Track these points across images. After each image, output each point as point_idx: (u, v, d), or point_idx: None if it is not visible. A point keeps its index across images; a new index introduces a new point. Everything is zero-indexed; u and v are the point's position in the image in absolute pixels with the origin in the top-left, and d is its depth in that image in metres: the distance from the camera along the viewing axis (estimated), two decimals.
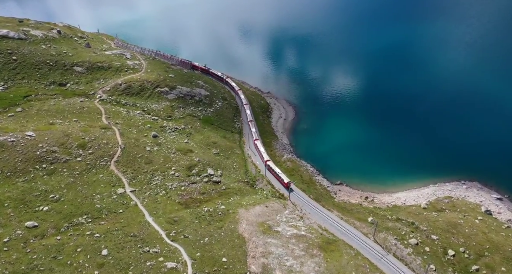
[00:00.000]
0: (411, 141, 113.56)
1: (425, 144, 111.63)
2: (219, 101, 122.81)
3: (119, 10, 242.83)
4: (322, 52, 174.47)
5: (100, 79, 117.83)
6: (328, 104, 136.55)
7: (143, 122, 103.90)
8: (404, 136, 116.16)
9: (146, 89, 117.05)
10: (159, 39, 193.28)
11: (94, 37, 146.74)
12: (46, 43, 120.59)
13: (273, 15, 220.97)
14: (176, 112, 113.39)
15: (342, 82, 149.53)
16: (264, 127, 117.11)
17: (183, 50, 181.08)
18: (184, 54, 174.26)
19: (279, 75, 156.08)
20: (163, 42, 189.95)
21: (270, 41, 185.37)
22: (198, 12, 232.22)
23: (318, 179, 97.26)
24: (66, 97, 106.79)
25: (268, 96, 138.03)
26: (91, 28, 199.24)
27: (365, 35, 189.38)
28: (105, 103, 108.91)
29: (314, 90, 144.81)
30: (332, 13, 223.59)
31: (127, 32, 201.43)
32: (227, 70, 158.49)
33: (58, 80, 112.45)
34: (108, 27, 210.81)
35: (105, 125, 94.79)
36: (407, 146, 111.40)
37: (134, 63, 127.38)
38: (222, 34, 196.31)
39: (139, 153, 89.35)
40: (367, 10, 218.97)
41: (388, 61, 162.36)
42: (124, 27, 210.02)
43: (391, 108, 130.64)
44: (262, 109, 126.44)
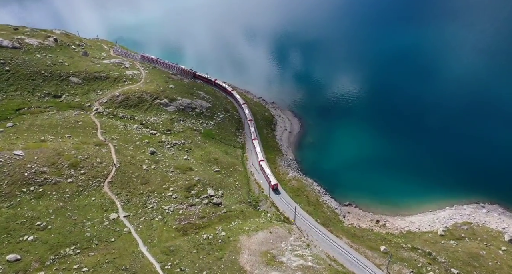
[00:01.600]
0: (424, 156, 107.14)
1: (440, 159, 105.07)
2: (221, 113, 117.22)
3: (123, 14, 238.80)
4: (328, 59, 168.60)
5: (97, 91, 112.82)
6: (335, 116, 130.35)
7: (141, 137, 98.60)
8: (416, 150, 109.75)
9: (145, 101, 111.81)
10: (161, 45, 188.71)
11: (92, 45, 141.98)
12: (41, 52, 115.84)
13: (278, 19, 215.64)
14: (175, 126, 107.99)
15: (349, 92, 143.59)
16: (268, 141, 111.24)
17: (186, 56, 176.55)
18: (187, 61, 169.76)
19: (284, 84, 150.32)
20: (165, 47, 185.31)
21: (275, 48, 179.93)
22: (202, 16, 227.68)
23: (326, 200, 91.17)
24: (60, 110, 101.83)
25: (273, 107, 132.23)
26: (92, 33, 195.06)
27: (373, 41, 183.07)
28: (101, 117, 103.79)
29: (320, 100, 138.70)
30: (339, 17, 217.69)
31: (129, 36, 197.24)
32: (230, 78, 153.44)
33: (53, 92, 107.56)
34: (111, 31, 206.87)
35: (100, 142, 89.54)
36: (420, 162, 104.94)
37: (133, 73, 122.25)
38: (225, 40, 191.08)
39: (135, 172, 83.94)
40: (375, 15, 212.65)
41: (399, 68, 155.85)
42: (127, 32, 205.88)
43: (402, 120, 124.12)
44: (266, 121, 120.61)
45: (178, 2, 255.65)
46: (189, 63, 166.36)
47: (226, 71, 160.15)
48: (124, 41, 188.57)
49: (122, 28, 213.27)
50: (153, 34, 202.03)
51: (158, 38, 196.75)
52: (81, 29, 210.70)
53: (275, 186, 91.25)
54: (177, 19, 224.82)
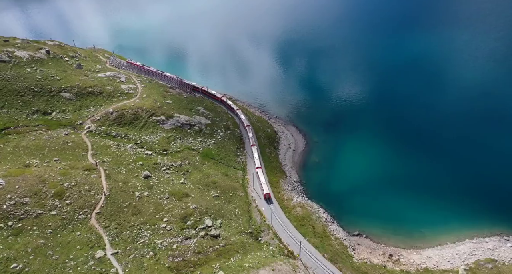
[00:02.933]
0: (440, 177, 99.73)
1: (458, 181, 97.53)
2: (221, 130, 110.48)
3: (124, 20, 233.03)
4: (335, 69, 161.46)
5: (89, 107, 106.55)
6: (341, 131, 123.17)
7: (135, 159, 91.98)
8: (432, 170, 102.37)
9: (140, 118, 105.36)
10: (161, 53, 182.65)
11: (88, 56, 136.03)
12: (31, 65, 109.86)
13: (282, 27, 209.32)
14: (172, 145, 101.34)
15: (357, 104, 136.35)
16: (271, 162, 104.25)
17: (186, 65, 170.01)
18: (187, 69, 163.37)
19: (288, 96, 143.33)
20: (165, 56, 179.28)
21: (279, 58, 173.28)
22: (204, 24, 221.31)
23: (333, 230, 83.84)
24: (49, 129, 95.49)
25: (276, 123, 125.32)
26: (92, 39, 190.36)
27: (383, 49, 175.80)
28: (93, 136, 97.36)
29: (326, 114, 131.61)
30: (346, 25, 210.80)
31: (129, 44, 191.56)
32: (232, 89, 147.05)
33: (43, 109, 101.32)
34: (112, 37, 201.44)
35: (90, 166, 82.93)
36: (436, 184, 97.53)
37: (129, 87, 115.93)
38: (228, 49, 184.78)
39: (127, 200, 77.16)
40: (385, 23, 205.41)
41: (410, 79, 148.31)
42: (127, 38, 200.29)
43: (416, 135, 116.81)
44: (269, 139, 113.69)
45: (180, 9, 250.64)
46: (190, 72, 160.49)
47: (228, 82, 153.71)
48: (123, 49, 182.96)
49: (122, 35, 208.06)
50: (153, 42, 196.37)
51: (158, 46, 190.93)
52: (81, 34, 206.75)
53: (267, 196, 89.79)
54: (178, 27, 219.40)
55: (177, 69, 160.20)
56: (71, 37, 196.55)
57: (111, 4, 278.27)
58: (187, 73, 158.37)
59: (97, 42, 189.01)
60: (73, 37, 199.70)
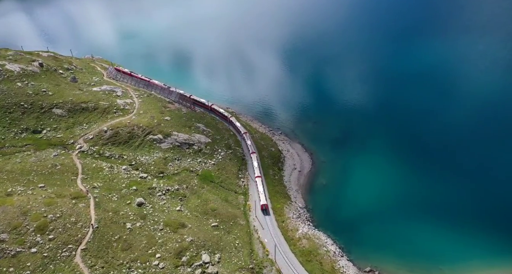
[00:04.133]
0: (463, 202, 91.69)
1: (483, 209, 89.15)
2: (222, 150, 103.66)
3: (129, 25, 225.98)
4: (343, 80, 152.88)
5: (82, 124, 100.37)
6: (351, 149, 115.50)
7: (128, 183, 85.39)
8: (453, 194, 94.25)
9: (136, 136, 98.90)
10: (164, 61, 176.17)
11: (84, 67, 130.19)
12: (23, 79, 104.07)
13: (289, 35, 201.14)
14: (169, 167, 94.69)
15: (368, 120, 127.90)
16: (275, 185, 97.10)
17: (188, 75, 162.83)
18: (189, 80, 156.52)
19: (293, 110, 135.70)
20: (168, 64, 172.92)
21: (284, 68, 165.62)
22: (211, 31, 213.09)
23: (343, 265, 76.44)
24: (38, 150, 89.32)
25: (280, 140, 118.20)
26: (91, 46, 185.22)
27: (395, 58, 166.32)
28: (85, 156, 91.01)
29: (334, 130, 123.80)
30: (355, 32, 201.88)
31: (133, 50, 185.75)
32: (236, 103, 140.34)
33: (32, 127, 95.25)
34: (113, 44, 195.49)
35: (78, 193, 76.41)
36: (458, 211, 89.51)
37: (125, 103, 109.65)
38: (233, 59, 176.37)
39: (116, 233, 70.47)
40: (396, 30, 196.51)
41: (424, 91, 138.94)
42: (131, 45, 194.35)
43: (433, 154, 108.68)
44: (273, 159, 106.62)
45: (185, 15, 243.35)
46: (191, 82, 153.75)
47: (232, 94, 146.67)
48: (123, 57, 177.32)
49: (124, 42, 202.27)
50: (155, 49, 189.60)
51: (160, 54, 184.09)
52: (82, 40, 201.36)
53: (264, 207, 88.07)
54: (182, 33, 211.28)
55: (178, 79, 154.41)
56: (71, 44, 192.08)
57: (116, 8, 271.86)
58: (189, 83, 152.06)
59: (98, 49, 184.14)
60: (74, 43, 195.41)
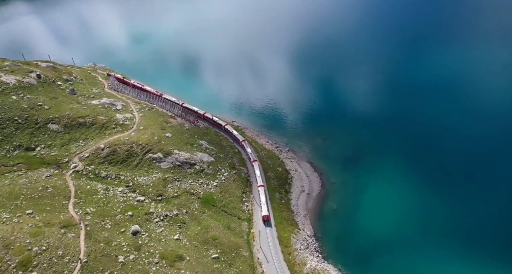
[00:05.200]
0: (492, 230, 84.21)
1: None
2: (225, 170, 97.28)
3: (139, 29, 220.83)
4: (355, 92, 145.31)
5: (79, 141, 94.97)
6: (363, 169, 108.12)
7: (124, 208, 79.44)
8: (481, 221, 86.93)
9: (135, 155, 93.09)
10: (169, 68, 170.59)
11: (85, 77, 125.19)
12: (18, 92, 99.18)
13: (298, 43, 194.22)
14: (169, 189, 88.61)
15: (381, 137, 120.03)
16: (282, 211, 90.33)
17: (194, 84, 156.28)
18: (194, 90, 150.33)
19: (301, 125, 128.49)
20: (173, 71, 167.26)
21: (293, 79, 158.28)
22: (219, 37, 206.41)
23: None
24: (30, 169, 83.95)
25: (288, 158, 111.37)
26: (97, 51, 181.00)
27: (411, 66, 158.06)
28: (80, 177, 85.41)
29: (345, 148, 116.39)
30: (368, 39, 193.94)
31: (138, 56, 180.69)
32: (242, 116, 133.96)
33: (26, 144, 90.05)
34: (120, 50, 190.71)
35: (68, 221, 70.62)
36: (486, 239, 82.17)
37: (125, 117, 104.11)
38: (240, 69, 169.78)
39: (107, 268, 64.40)
40: (412, 35, 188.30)
41: (443, 102, 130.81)
42: (137, 49, 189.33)
43: (457, 174, 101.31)
44: (280, 181, 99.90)
45: (195, 20, 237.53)
46: (197, 93, 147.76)
47: (238, 107, 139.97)
48: (127, 62, 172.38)
49: (131, 47, 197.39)
50: (162, 56, 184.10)
51: (166, 61, 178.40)
52: (89, 45, 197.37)
53: (265, 218, 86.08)
54: (191, 39, 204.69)
55: (182, 88, 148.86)
56: (76, 48, 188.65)
57: (125, 11, 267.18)
58: (193, 93, 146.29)
59: (103, 54, 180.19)
60: (78, 47, 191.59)
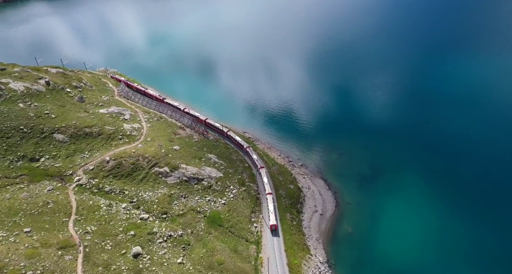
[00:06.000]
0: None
1: None
2: (234, 187, 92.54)
3: (158, 32, 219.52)
4: (372, 103, 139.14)
5: (84, 152, 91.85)
6: (380, 189, 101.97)
7: (126, 227, 75.52)
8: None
9: (141, 169, 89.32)
10: (183, 73, 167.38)
11: (95, 84, 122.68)
12: (26, 100, 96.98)
13: (312, 50, 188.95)
14: (174, 206, 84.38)
15: (401, 152, 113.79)
16: (293, 234, 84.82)
17: (205, 92, 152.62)
18: (205, 99, 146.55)
19: (317, 138, 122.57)
20: (186, 77, 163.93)
21: (307, 88, 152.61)
22: (237, 40, 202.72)
23: None
24: (33, 181, 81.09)
25: (300, 174, 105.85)
26: (111, 55, 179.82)
27: (433, 76, 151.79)
28: (83, 191, 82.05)
29: (361, 165, 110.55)
30: (386, 44, 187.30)
31: (151, 61, 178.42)
32: (254, 127, 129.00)
33: (30, 154, 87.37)
34: (134, 52, 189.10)
35: (67, 241, 67.07)
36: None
37: (132, 128, 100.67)
38: (254, 75, 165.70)
39: None
40: (433, 39, 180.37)
41: (469, 115, 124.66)
42: (152, 54, 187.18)
43: (484, 192, 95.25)
44: (292, 199, 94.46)
45: (213, 22, 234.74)
46: (207, 101, 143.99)
47: (250, 117, 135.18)
48: (142, 68, 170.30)
49: (143, 49, 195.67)
50: (173, 60, 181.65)
51: (176, 66, 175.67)
52: (104, 48, 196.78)
53: (273, 227, 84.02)
54: (206, 42, 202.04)
55: (194, 97, 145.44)
56: (91, 52, 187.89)
57: (145, 13, 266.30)
58: (205, 102, 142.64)
59: (116, 58, 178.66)
60: (94, 51, 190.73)
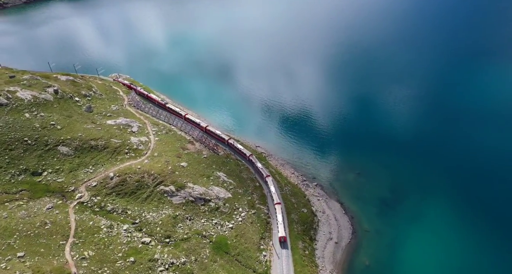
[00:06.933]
0: None
1: None
2: (243, 209, 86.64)
3: (176, 36, 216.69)
4: (395, 118, 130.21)
5: (88, 166, 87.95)
6: (404, 216, 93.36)
7: (126, 252, 70.73)
8: None
9: (145, 187, 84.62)
10: (195, 80, 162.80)
11: (105, 92, 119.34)
12: (32, 109, 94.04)
13: (331, 58, 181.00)
14: (179, 229, 79.19)
15: (427, 172, 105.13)
16: (305, 266, 78.00)
17: (219, 101, 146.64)
18: (218, 109, 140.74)
19: (333, 155, 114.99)
20: (200, 84, 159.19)
21: (324, 101, 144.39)
22: (255, 46, 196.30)
23: None
24: (32, 198, 77.56)
25: (315, 196, 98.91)
26: (126, 59, 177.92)
27: (464, 86, 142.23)
28: (84, 210, 77.91)
29: (382, 187, 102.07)
30: (410, 52, 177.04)
31: (165, 66, 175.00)
32: (268, 142, 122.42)
33: (32, 168, 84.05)
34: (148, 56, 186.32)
35: (60, 269, 62.72)
36: None
37: (139, 141, 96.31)
38: (269, 84, 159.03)
39: None
40: (463, 47, 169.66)
41: (505, 132, 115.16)
42: (166, 59, 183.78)
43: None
44: (304, 225, 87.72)
45: (228, 28, 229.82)
46: (220, 112, 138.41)
47: (262, 129, 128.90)
48: (155, 73, 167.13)
49: (158, 54, 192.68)
50: (187, 65, 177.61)
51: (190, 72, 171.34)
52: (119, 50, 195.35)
53: (282, 239, 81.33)
54: (220, 50, 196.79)
55: (204, 105, 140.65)
56: (106, 56, 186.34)
57: (165, 15, 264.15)
58: (218, 112, 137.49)
59: (131, 62, 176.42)
60: (109, 54, 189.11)
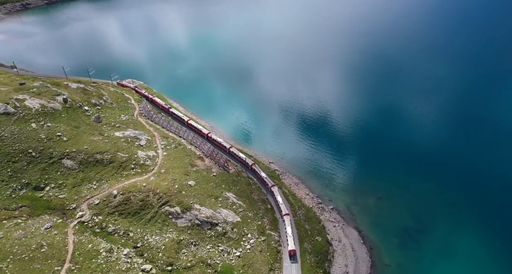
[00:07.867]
0: None
1: None
2: (252, 235, 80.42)
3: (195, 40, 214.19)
4: (420, 136, 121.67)
5: (92, 182, 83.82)
6: (430, 249, 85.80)
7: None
8: None
9: (150, 207, 79.72)
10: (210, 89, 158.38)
11: (116, 100, 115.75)
12: (39, 119, 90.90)
13: (354, 68, 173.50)
14: (182, 255, 73.79)
15: (456, 200, 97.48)
16: None
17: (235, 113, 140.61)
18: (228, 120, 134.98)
19: (352, 176, 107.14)
20: (213, 93, 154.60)
21: (344, 117, 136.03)
22: (275, 52, 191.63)
23: None
24: (32, 216, 73.93)
25: (331, 221, 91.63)
26: (145, 63, 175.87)
27: (496, 101, 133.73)
28: (84, 231, 73.60)
29: (405, 216, 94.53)
30: (438, 62, 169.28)
31: (180, 73, 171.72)
32: (282, 159, 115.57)
33: (35, 182, 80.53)
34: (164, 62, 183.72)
35: None
36: None
37: (147, 156, 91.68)
38: (284, 96, 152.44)
39: None
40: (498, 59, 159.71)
41: None
42: (180, 66, 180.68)
43: None
44: (318, 256, 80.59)
45: (250, 32, 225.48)
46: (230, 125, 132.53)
47: (278, 148, 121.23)
48: (169, 80, 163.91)
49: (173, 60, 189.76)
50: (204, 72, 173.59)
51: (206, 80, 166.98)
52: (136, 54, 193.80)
53: (292, 252, 77.85)
54: (240, 55, 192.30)
55: (217, 117, 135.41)
56: (122, 59, 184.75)
57: (183, 19, 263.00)
58: (229, 124, 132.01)
59: (147, 68, 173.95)
60: (123, 59, 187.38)
